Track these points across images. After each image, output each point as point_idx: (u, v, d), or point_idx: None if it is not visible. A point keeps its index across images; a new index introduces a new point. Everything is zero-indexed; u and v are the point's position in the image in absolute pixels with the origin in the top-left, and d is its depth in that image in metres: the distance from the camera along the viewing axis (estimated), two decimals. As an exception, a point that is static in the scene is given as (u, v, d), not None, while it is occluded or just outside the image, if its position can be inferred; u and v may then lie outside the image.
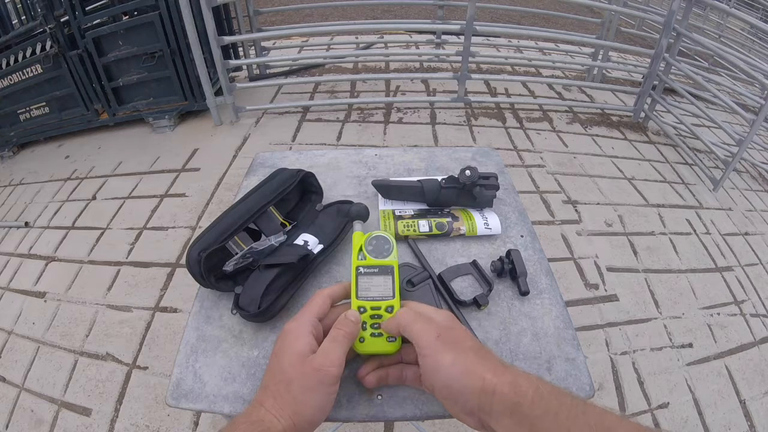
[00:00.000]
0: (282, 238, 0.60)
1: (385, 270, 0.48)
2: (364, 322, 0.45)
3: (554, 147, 2.58)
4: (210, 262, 0.53)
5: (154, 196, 2.18)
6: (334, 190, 0.73)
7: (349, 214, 0.60)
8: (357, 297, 0.47)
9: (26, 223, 2.16)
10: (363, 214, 0.59)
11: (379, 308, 0.46)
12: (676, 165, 2.55)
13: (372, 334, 0.45)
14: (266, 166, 0.80)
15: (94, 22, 2.48)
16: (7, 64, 2.58)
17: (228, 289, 0.54)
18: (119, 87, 2.66)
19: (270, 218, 0.62)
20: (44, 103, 2.74)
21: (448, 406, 0.39)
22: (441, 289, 0.56)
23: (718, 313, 1.71)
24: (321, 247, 0.59)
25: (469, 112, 2.87)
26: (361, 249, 0.50)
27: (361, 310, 0.46)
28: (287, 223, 0.63)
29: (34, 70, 2.57)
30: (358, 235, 0.52)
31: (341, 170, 0.78)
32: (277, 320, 0.53)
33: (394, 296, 0.47)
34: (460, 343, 0.39)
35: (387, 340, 0.45)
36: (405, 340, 0.46)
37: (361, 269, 0.48)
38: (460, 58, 2.69)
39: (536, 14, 4.76)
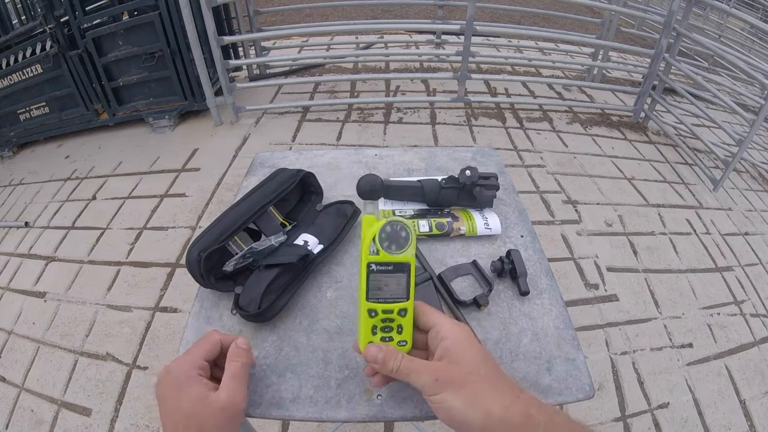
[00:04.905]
0: (282, 238, 0.60)
1: (401, 268, 0.41)
2: (375, 326, 0.42)
3: (554, 147, 2.58)
4: (210, 262, 0.53)
5: (154, 196, 2.18)
6: (334, 190, 0.73)
7: (359, 187, 0.48)
8: (367, 299, 0.41)
9: (26, 223, 2.16)
10: (377, 188, 0.46)
11: (391, 311, 0.41)
12: (676, 165, 2.55)
13: (382, 338, 0.42)
14: (266, 166, 0.80)
15: (94, 22, 2.48)
16: (7, 64, 2.58)
17: (228, 289, 0.54)
18: (119, 87, 2.66)
19: (270, 218, 0.62)
20: (44, 103, 2.74)
21: (454, 429, 0.39)
22: (441, 289, 0.56)
23: (718, 313, 1.71)
24: (321, 247, 0.59)
25: (469, 112, 2.87)
26: (374, 240, 0.41)
27: (372, 314, 0.42)
28: (287, 223, 0.63)
29: (34, 70, 2.57)
30: (370, 221, 0.43)
31: (341, 170, 0.78)
32: (277, 320, 0.53)
33: (408, 298, 0.42)
34: (464, 377, 0.37)
35: (398, 344, 0.42)
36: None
37: (373, 266, 0.41)
38: (460, 58, 2.69)
39: (536, 14, 4.76)
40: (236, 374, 0.41)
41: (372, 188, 0.46)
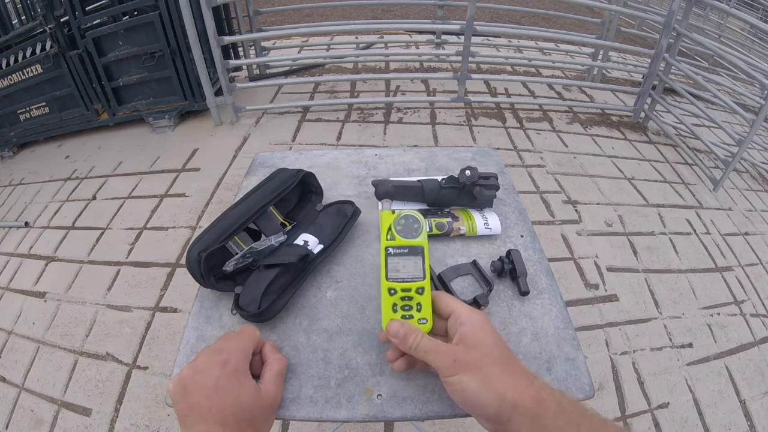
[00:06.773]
0: (282, 238, 0.60)
1: (415, 251, 0.47)
2: (395, 304, 0.45)
3: (554, 147, 2.58)
4: (210, 262, 0.53)
5: (154, 196, 2.18)
6: (334, 190, 0.73)
7: (377, 193, 0.60)
8: (387, 278, 0.45)
9: (26, 223, 2.16)
10: (389, 190, 0.59)
11: (409, 290, 0.45)
12: (676, 165, 2.55)
13: (403, 316, 0.44)
14: (266, 166, 0.80)
15: (94, 22, 2.48)
16: (7, 64, 2.58)
17: (228, 289, 0.54)
18: (119, 87, 2.66)
19: (270, 218, 0.62)
20: (44, 103, 2.73)
21: (467, 411, 0.41)
22: (441, 289, 0.56)
23: (718, 313, 1.71)
24: (321, 247, 0.59)
25: (469, 112, 2.87)
26: (390, 229, 0.47)
27: (392, 292, 0.45)
28: (287, 223, 0.63)
29: (34, 70, 2.57)
30: (387, 215, 0.50)
31: (341, 170, 0.78)
32: (277, 320, 0.53)
33: (424, 277, 0.45)
34: (480, 360, 0.39)
35: (418, 322, 0.44)
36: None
37: (391, 250, 0.47)
38: (460, 58, 2.69)
39: (536, 14, 4.76)
40: (281, 372, 0.45)
41: (385, 190, 0.62)
